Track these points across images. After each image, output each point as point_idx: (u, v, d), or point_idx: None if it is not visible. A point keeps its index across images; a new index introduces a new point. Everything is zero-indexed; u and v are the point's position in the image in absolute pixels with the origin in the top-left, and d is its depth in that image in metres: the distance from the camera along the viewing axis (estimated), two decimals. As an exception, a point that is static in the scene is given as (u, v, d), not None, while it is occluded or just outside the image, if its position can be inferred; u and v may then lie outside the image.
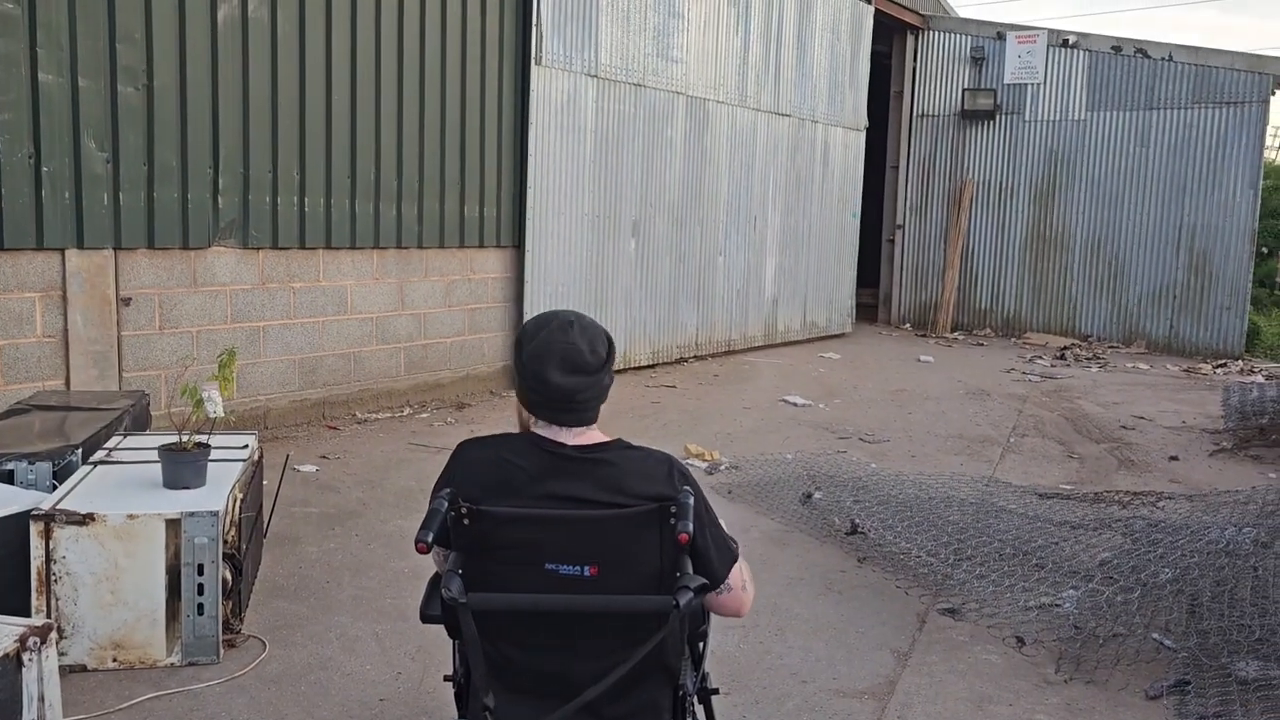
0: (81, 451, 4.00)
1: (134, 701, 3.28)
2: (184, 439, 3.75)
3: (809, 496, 5.63)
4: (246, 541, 3.94)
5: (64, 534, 3.37)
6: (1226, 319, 12.69)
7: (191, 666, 3.50)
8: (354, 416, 7.41)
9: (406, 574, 4.45)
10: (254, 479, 4.26)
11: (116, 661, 3.46)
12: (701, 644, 2.27)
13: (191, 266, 6.39)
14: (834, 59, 12.50)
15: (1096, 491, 5.91)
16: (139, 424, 4.87)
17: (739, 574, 2.14)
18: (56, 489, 3.68)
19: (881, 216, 14.96)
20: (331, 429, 7.08)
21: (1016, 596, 4.14)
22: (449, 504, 1.96)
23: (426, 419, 7.57)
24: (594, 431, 2.12)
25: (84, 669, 3.43)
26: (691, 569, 2.00)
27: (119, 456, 4.05)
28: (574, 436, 2.08)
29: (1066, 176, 13.54)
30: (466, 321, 8.33)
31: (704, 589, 1.98)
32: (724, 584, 2.10)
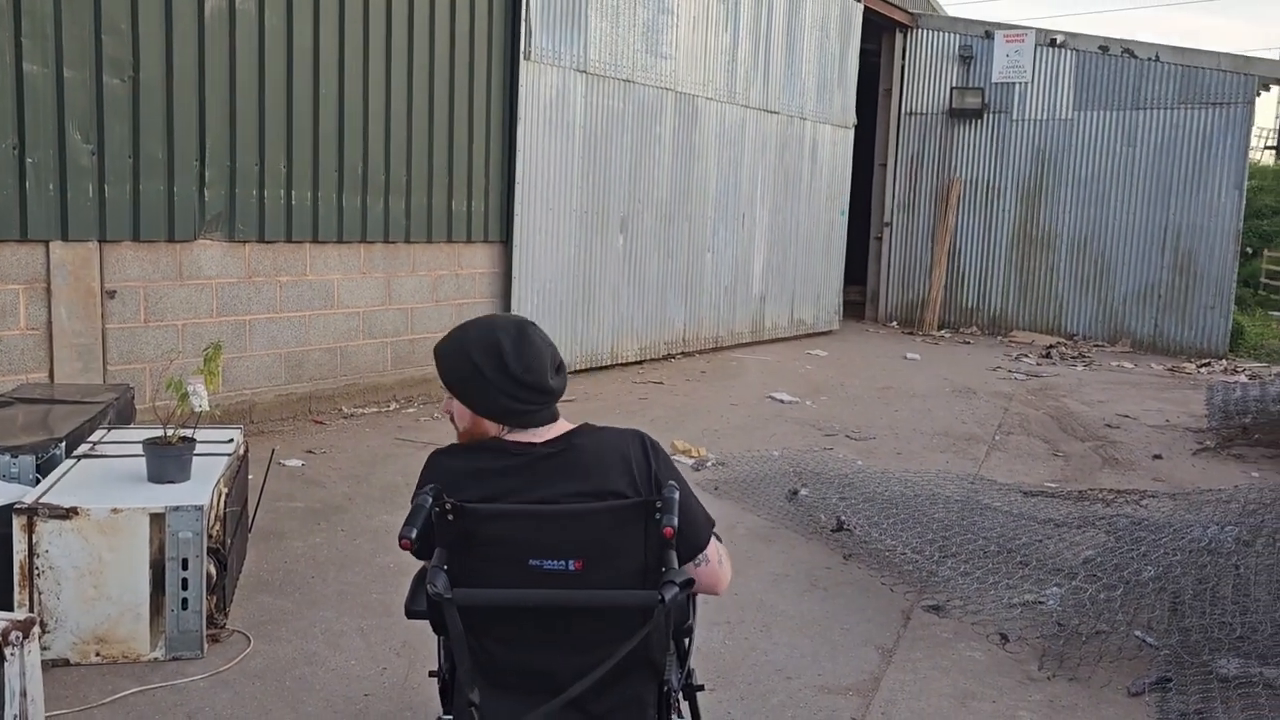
0: (65, 445, 3.97)
1: (117, 696, 3.26)
2: (169, 433, 3.73)
3: (795, 493, 5.65)
4: (231, 536, 3.93)
5: (47, 528, 3.36)
6: (1211, 318, 12.77)
7: (175, 661, 3.49)
8: (340, 411, 7.39)
9: (392, 569, 4.45)
10: (239, 473, 4.24)
11: (100, 656, 3.45)
12: (687, 640, 2.27)
13: (177, 259, 6.36)
14: (823, 56, 12.52)
15: (1081, 489, 5.95)
16: (123, 418, 4.84)
17: (715, 549, 2.15)
18: (40, 482, 3.66)
19: (869, 214, 15.00)
20: (317, 424, 7.06)
21: (1000, 594, 4.16)
22: (433, 499, 1.96)
23: (413, 414, 7.56)
24: (561, 423, 2.12)
25: (67, 663, 3.42)
26: (676, 560, 2.00)
27: (103, 450, 4.03)
28: (543, 434, 2.08)
29: (1053, 175, 13.60)
30: (454, 317, 8.30)
31: (689, 584, 1.98)
32: (702, 554, 2.11)
